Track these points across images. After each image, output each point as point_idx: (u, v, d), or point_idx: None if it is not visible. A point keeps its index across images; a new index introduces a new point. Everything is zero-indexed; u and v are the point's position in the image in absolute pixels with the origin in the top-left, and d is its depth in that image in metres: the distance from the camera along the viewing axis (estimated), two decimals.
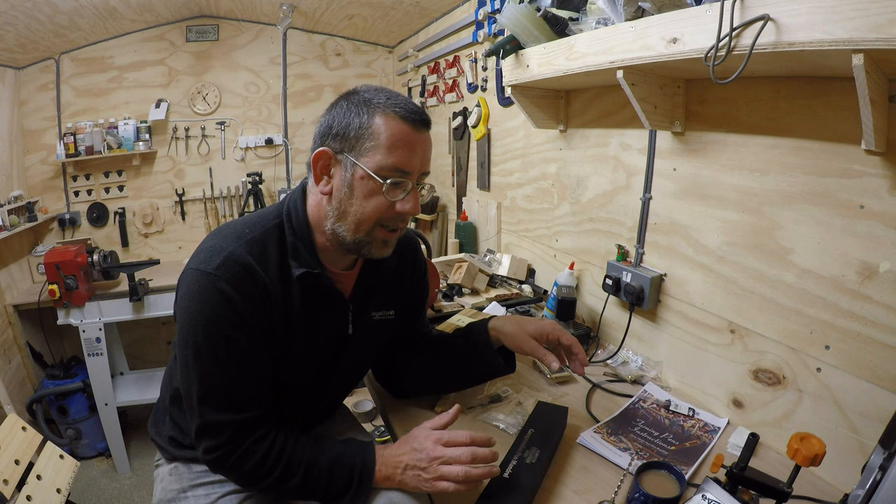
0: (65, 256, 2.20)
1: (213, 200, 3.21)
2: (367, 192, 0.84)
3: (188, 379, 0.84)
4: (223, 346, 0.82)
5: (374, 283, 1.02)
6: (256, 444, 0.84)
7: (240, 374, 0.84)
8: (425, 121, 0.87)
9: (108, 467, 2.57)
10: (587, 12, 1.22)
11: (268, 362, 0.88)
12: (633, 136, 1.40)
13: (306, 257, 0.90)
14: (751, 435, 0.76)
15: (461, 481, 0.81)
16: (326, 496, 0.86)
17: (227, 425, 0.83)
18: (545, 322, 1.07)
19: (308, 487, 0.85)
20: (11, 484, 1.38)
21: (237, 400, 0.84)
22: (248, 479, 0.86)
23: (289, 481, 0.85)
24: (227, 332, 0.82)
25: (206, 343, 0.82)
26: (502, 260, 1.94)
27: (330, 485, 0.85)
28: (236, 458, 0.84)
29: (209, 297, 0.81)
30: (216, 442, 0.84)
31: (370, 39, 3.31)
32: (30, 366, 2.58)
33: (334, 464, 0.86)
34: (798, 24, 0.73)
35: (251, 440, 0.84)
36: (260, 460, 0.84)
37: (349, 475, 0.85)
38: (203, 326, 0.82)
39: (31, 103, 2.78)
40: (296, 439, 0.88)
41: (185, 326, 0.83)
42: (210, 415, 0.83)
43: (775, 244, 1.04)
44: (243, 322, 0.83)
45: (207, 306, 0.81)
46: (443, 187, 2.79)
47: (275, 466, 0.84)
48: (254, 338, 0.85)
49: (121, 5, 2.46)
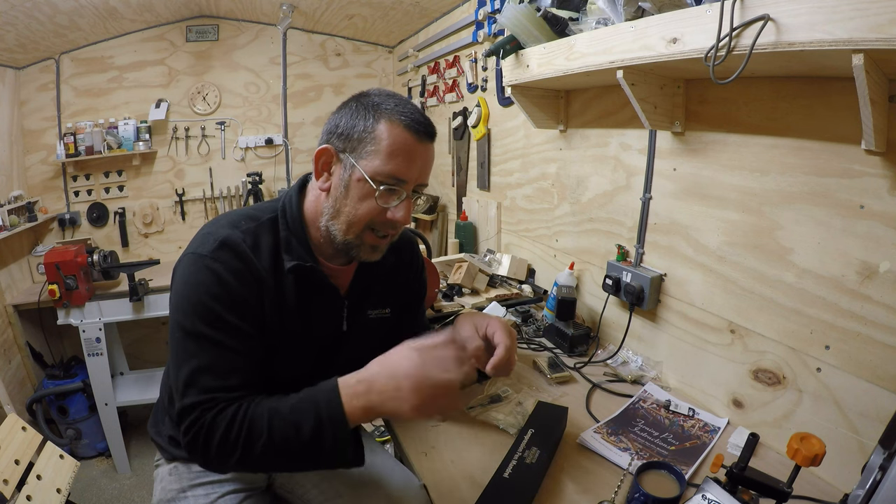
0: (65, 256, 2.20)
1: (213, 200, 3.21)
2: (362, 195, 0.85)
3: (178, 363, 0.81)
4: (216, 327, 0.81)
5: (371, 281, 1.02)
6: (220, 412, 0.77)
7: (231, 354, 0.82)
8: (430, 133, 0.87)
9: (108, 467, 2.57)
10: (587, 12, 1.22)
11: (259, 347, 0.87)
12: (633, 136, 1.40)
13: (299, 250, 0.90)
14: (751, 435, 0.76)
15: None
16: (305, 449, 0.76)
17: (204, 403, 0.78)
18: (495, 319, 1.01)
19: (279, 442, 0.75)
20: (11, 484, 1.38)
21: (227, 381, 0.80)
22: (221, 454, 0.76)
23: (258, 441, 0.75)
24: (218, 311, 0.82)
25: (200, 323, 0.81)
26: (502, 260, 1.94)
27: (298, 431, 0.75)
28: (205, 435, 0.76)
29: (203, 278, 0.82)
30: (189, 420, 0.77)
31: (370, 39, 3.31)
32: (30, 366, 2.58)
33: (295, 405, 0.77)
34: (798, 24, 0.73)
35: (215, 411, 0.77)
36: (226, 428, 0.76)
37: (315, 414, 0.75)
38: (196, 307, 0.81)
39: (31, 103, 2.77)
40: (259, 400, 0.80)
41: (178, 308, 0.83)
42: (192, 396, 0.78)
43: (775, 244, 1.04)
44: (236, 304, 0.83)
45: (202, 287, 0.82)
46: (443, 187, 2.79)
47: (240, 431, 0.75)
48: (247, 320, 0.84)
49: (121, 5, 2.46)
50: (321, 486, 1.02)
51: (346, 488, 0.99)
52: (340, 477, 1.00)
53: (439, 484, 0.95)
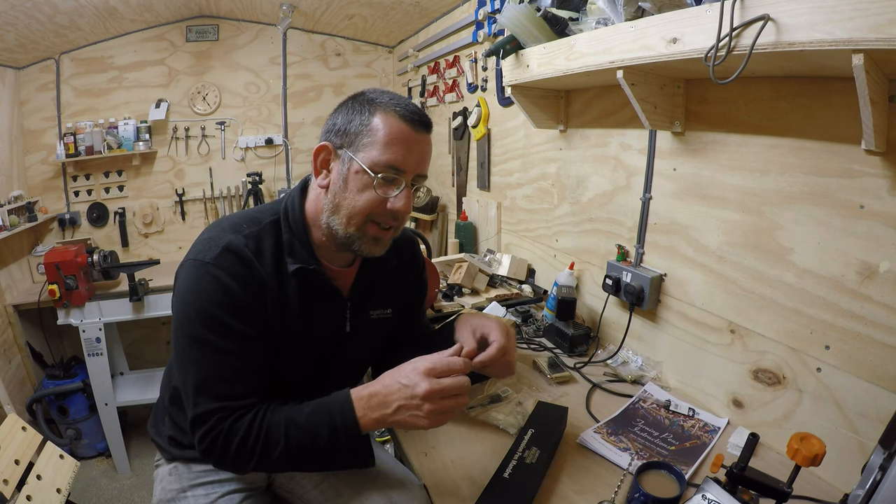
0: (65, 256, 2.20)
1: (213, 200, 3.21)
2: (361, 186, 0.85)
3: (185, 369, 0.84)
4: (221, 334, 0.82)
5: (373, 282, 1.02)
6: (238, 420, 0.81)
7: (237, 360, 0.84)
8: (425, 122, 0.88)
9: (108, 467, 2.57)
10: (587, 12, 1.22)
11: (264, 351, 0.88)
12: (633, 136, 1.40)
13: (302, 254, 0.90)
14: (751, 435, 0.76)
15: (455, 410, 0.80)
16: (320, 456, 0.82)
17: (219, 411, 0.81)
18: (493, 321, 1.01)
19: (296, 450, 0.81)
20: (11, 484, 1.38)
21: (235, 388, 0.83)
22: (239, 460, 0.82)
23: (275, 448, 0.80)
24: (224, 319, 0.82)
25: (205, 331, 0.82)
26: (502, 260, 1.94)
27: (315, 439, 0.81)
28: (222, 441, 0.81)
29: (206, 285, 0.82)
30: (205, 428, 0.81)
31: (370, 39, 3.31)
32: (30, 366, 2.58)
33: (311, 416, 0.82)
34: (798, 24, 0.73)
35: (232, 419, 0.81)
36: (243, 436, 0.80)
37: (330, 424, 0.81)
38: (201, 315, 0.82)
39: (31, 103, 2.77)
40: (274, 408, 0.84)
41: (182, 315, 0.83)
42: (205, 404, 0.81)
43: (775, 244, 1.04)
44: (240, 310, 0.83)
45: (204, 294, 0.82)
46: (443, 187, 2.79)
47: (257, 438, 0.80)
48: (251, 325, 0.85)
49: (121, 5, 2.46)
50: (321, 487, 1.02)
51: (346, 488, 0.99)
52: (340, 477, 1.00)
53: (439, 484, 0.96)
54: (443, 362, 0.81)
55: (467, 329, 1.00)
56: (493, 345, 0.94)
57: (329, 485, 1.02)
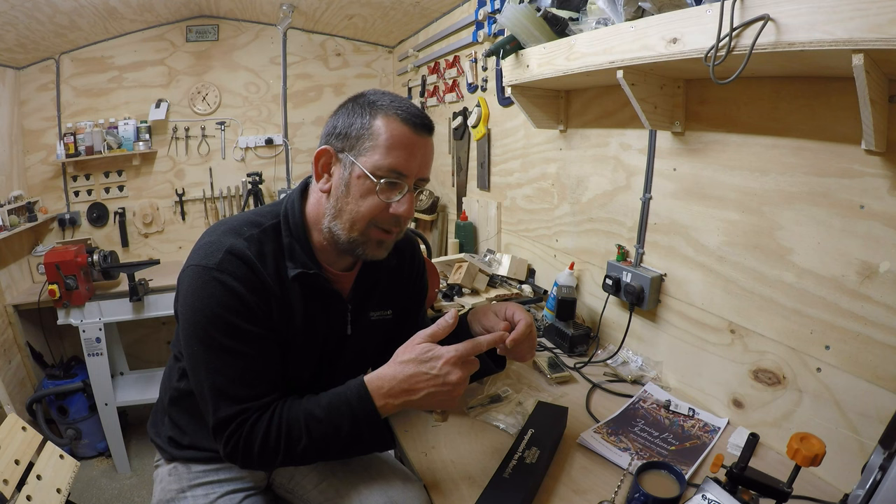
0: (65, 256, 2.19)
1: (213, 200, 3.21)
2: (363, 192, 0.85)
3: (201, 375, 0.83)
4: (237, 338, 0.83)
5: (373, 283, 1.02)
6: (257, 421, 0.82)
7: (255, 362, 0.84)
8: (427, 125, 0.87)
9: (108, 467, 2.57)
10: (587, 12, 1.22)
11: (276, 349, 0.89)
12: (633, 136, 1.40)
13: (303, 258, 0.90)
14: (751, 435, 0.77)
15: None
16: (344, 446, 0.83)
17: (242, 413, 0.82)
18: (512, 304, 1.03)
19: (319, 443, 0.82)
20: (11, 484, 1.38)
21: (256, 389, 0.83)
22: (264, 459, 0.83)
23: (298, 444, 0.82)
24: (236, 322, 0.82)
25: (219, 336, 0.82)
26: (502, 260, 1.94)
27: (337, 430, 0.82)
28: (245, 443, 0.81)
29: (213, 290, 0.82)
30: (229, 432, 0.82)
31: (370, 39, 3.31)
32: (30, 366, 2.58)
33: (329, 408, 0.83)
34: (798, 24, 0.73)
35: (252, 420, 0.82)
36: (264, 435, 0.81)
37: (350, 413, 0.82)
38: (212, 320, 0.82)
39: (31, 103, 2.77)
40: (290, 403, 0.85)
41: (193, 323, 0.83)
42: (227, 408, 0.82)
43: (775, 244, 1.04)
44: (250, 312, 0.84)
45: (213, 300, 0.82)
46: (443, 187, 2.79)
47: (279, 436, 0.81)
48: (263, 326, 0.85)
49: (121, 5, 2.46)
50: (321, 487, 1.02)
51: (346, 488, 0.99)
52: (340, 477, 1.00)
53: (439, 484, 0.96)
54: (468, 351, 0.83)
55: (490, 315, 1.01)
56: (521, 322, 0.95)
57: (329, 485, 1.01)
